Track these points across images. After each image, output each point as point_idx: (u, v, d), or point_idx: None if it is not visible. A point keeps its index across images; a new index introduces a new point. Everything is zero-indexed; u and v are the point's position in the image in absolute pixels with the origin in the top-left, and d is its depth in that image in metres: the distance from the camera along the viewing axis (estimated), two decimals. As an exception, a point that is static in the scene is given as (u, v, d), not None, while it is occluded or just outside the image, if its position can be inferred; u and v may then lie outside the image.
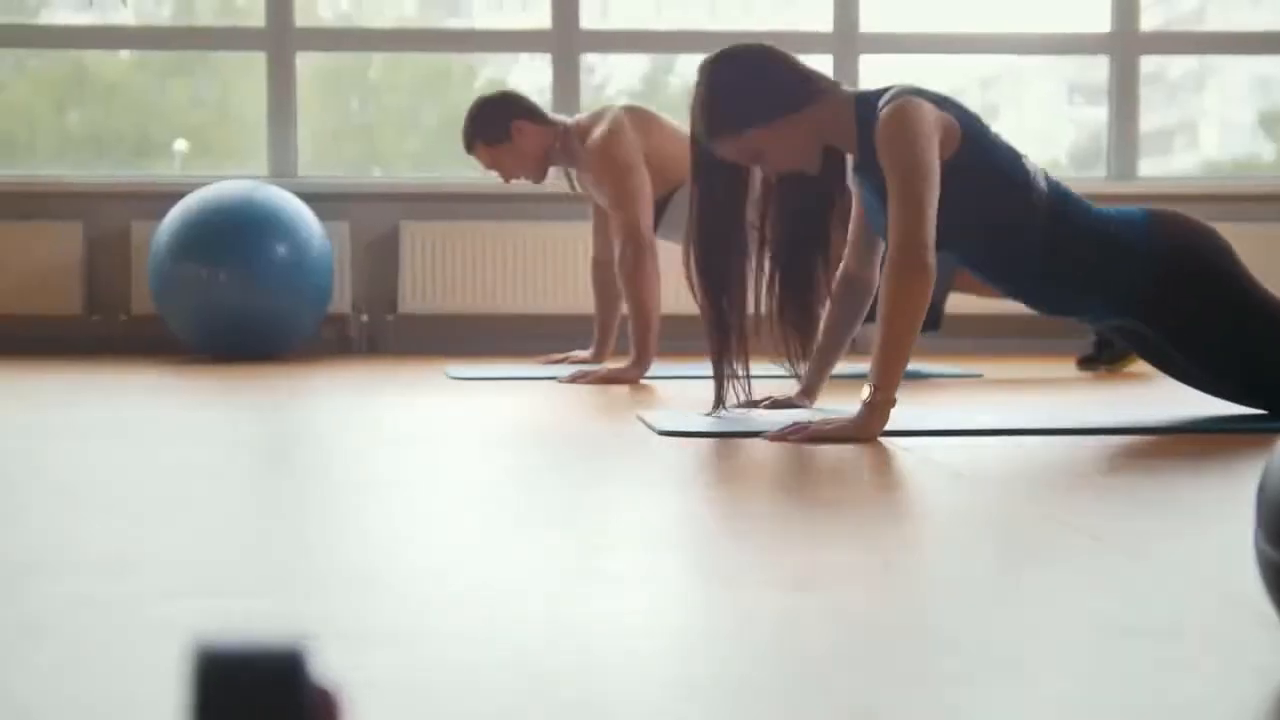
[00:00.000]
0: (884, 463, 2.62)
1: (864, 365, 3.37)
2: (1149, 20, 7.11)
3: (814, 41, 6.61)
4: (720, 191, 3.21)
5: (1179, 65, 8.44)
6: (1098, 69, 6.75)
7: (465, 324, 6.31)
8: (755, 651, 1.32)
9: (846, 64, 6.53)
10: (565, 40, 6.47)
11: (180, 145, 7.09)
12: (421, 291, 6.27)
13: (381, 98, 7.71)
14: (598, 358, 5.19)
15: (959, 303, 4.97)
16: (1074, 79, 7.84)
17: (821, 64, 6.62)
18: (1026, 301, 3.25)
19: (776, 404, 3.38)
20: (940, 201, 2.97)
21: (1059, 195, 3.15)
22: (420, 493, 2.35)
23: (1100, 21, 6.60)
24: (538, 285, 6.30)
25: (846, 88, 3.20)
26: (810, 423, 2.91)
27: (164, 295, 5.63)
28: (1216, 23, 7.48)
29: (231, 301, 5.51)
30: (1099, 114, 6.85)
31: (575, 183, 5.10)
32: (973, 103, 3.28)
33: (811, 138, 3.15)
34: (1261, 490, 1.23)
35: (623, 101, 5.01)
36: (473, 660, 1.27)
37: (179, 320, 5.66)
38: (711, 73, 3.17)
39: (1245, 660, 1.27)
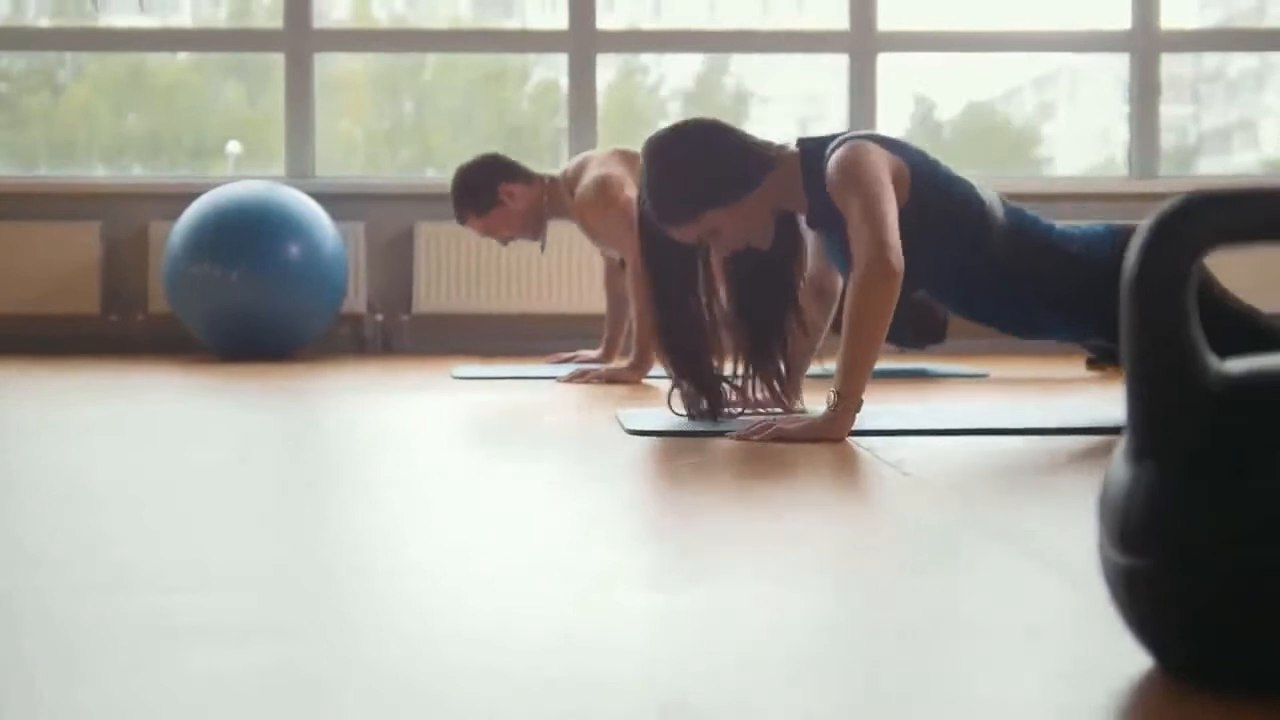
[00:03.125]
0: (839, 463, 2.61)
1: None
2: (1208, 17, 7.04)
3: (830, 41, 6.59)
4: (675, 268, 3.14)
5: (1238, 64, 8.37)
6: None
7: (480, 323, 6.33)
8: (657, 652, 1.32)
9: (863, 63, 6.51)
10: (582, 40, 6.47)
11: (234, 147, 7.15)
12: (436, 291, 6.29)
13: (435, 99, 7.75)
14: (605, 358, 5.20)
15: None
16: (1131, 78, 7.77)
17: (837, 64, 6.60)
18: (1000, 328, 3.22)
19: (758, 403, 3.37)
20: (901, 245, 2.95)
21: (1017, 220, 3.12)
22: (359, 493, 2.36)
23: (1121, 19, 6.56)
24: (552, 285, 6.31)
25: (790, 147, 3.16)
26: (776, 422, 2.91)
27: (178, 295, 5.68)
28: (1278, 19, 7.38)
29: (243, 301, 5.55)
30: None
31: (545, 243, 5.11)
32: (1027, 102, 3.28)
33: (766, 212, 3.12)
34: (1102, 494, 1.21)
35: (609, 147, 4.99)
36: (372, 657, 1.28)
37: (193, 320, 5.70)
38: (661, 155, 3.09)
39: (1109, 669, 1.26)
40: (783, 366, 3.25)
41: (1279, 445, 1.12)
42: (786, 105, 7.96)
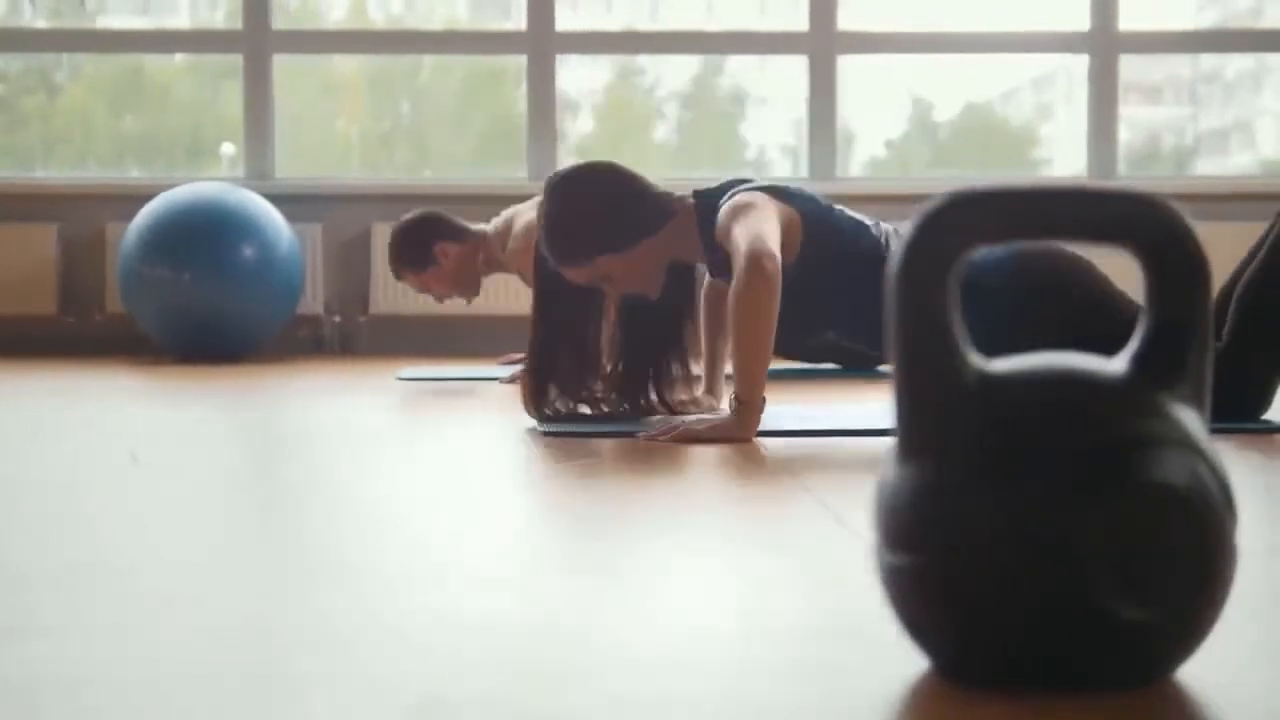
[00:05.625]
0: (733, 463, 2.61)
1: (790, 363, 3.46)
2: (1204, 18, 7.02)
3: (790, 41, 6.59)
4: (564, 311, 3.16)
5: (1235, 65, 8.36)
6: (1152, 68, 6.62)
7: (436, 325, 6.33)
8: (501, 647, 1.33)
9: (823, 64, 6.50)
10: (540, 42, 6.47)
11: (228, 148, 7.16)
12: (393, 293, 6.29)
13: (432, 99, 7.76)
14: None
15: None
16: (1127, 79, 7.78)
17: (797, 64, 6.60)
18: None
19: (677, 405, 3.37)
20: (801, 293, 2.98)
21: None
22: (257, 500, 2.36)
23: (1080, 20, 6.55)
24: (509, 287, 6.31)
25: (687, 198, 3.17)
26: (684, 423, 2.91)
27: (132, 296, 5.68)
28: (1274, 20, 7.40)
29: (196, 302, 5.55)
30: (1155, 114, 6.74)
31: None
32: (1024, 103, 3.30)
33: (660, 260, 3.13)
34: (876, 494, 1.21)
35: (536, 199, 4.98)
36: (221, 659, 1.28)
37: (148, 321, 5.70)
38: (560, 196, 3.11)
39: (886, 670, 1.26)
40: (653, 396, 3.23)
41: (1037, 442, 1.12)
42: (782, 107, 7.96)
